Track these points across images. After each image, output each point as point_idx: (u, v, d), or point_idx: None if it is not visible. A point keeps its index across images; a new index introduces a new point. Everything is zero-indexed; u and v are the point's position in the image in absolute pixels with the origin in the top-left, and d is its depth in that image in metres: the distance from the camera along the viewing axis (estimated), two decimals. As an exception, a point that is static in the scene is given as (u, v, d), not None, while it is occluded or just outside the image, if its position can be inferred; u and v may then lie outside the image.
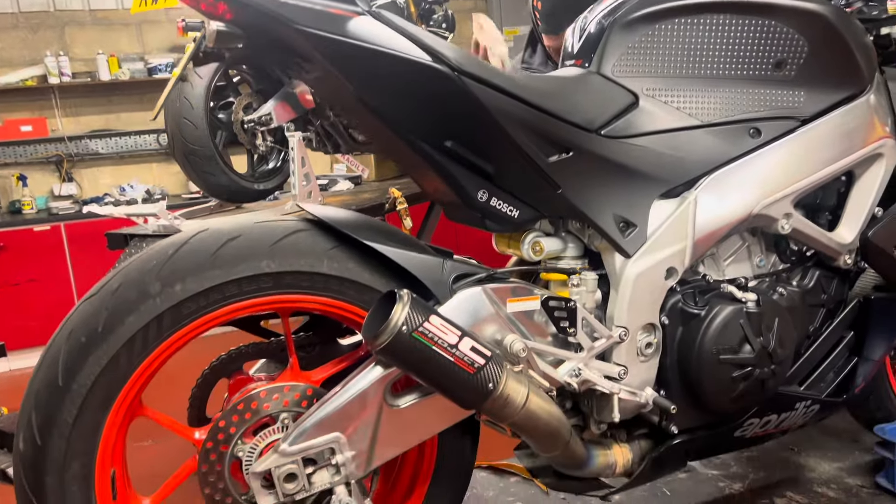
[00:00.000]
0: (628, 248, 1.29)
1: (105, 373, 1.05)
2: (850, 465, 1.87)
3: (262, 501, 1.13)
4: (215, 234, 1.13)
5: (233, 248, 1.11)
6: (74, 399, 1.04)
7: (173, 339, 1.10)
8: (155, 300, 1.07)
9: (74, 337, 1.05)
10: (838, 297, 1.51)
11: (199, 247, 1.11)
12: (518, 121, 1.18)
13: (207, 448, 1.15)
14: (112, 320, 1.05)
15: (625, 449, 1.40)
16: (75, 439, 1.05)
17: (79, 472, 1.06)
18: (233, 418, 1.16)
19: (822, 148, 1.38)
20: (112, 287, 1.08)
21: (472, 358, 1.09)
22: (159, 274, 1.08)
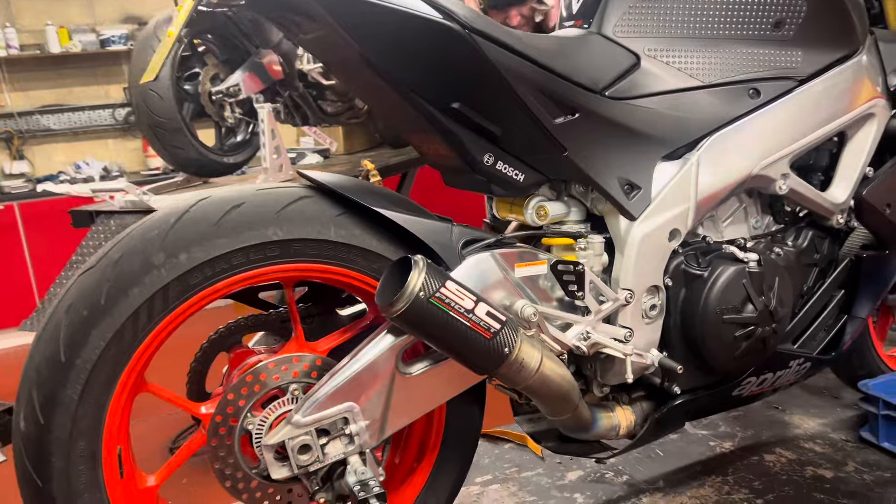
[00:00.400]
0: (633, 211, 1.28)
1: (110, 347, 1.01)
2: (833, 421, 1.93)
3: (276, 473, 1.11)
4: (218, 201, 1.09)
5: (238, 216, 1.07)
6: (79, 375, 1.00)
7: (179, 311, 1.06)
8: (160, 271, 1.03)
9: (75, 310, 1.01)
10: (829, 256, 1.54)
11: (202, 215, 1.07)
12: (527, 81, 1.16)
13: (216, 422, 1.11)
14: (115, 292, 1.01)
15: (627, 411, 1.41)
16: (81, 417, 1.01)
17: (85, 450, 1.02)
18: (241, 391, 1.13)
19: (818, 108, 1.39)
20: (113, 258, 1.03)
21: (489, 323, 1.07)
22: (163, 244, 1.03)
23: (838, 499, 1.58)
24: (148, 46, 2.97)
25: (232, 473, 1.13)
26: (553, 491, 1.71)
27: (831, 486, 1.63)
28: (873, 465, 1.70)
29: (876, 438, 1.74)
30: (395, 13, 1.04)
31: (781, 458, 1.76)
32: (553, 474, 1.78)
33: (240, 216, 1.07)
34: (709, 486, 1.68)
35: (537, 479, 1.77)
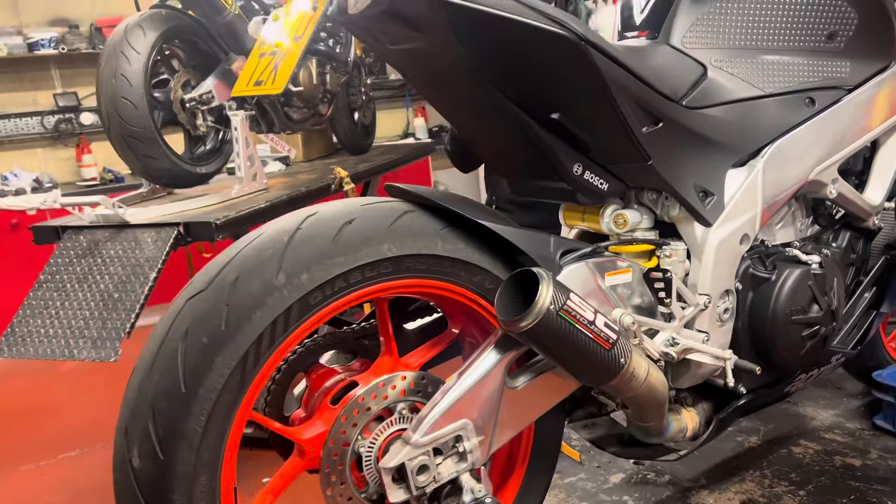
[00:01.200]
0: (709, 217, 1.32)
1: (234, 374, 0.96)
2: (844, 411, 2.03)
3: (394, 496, 1.07)
4: (329, 217, 1.05)
5: (353, 233, 1.03)
6: (203, 405, 0.94)
7: (297, 333, 1.01)
8: (282, 292, 0.98)
9: (194, 336, 0.94)
10: (864, 255, 1.62)
11: (316, 233, 1.02)
12: (625, 90, 1.17)
13: (329, 446, 1.07)
14: (237, 316, 0.95)
15: (692, 413, 1.44)
16: (204, 449, 0.95)
17: (206, 485, 0.96)
18: (353, 412, 1.09)
19: (864, 116, 1.47)
20: (227, 280, 0.97)
21: (607, 333, 1.08)
22: (281, 263, 0.98)
23: (872, 485, 1.67)
24: (117, 52, 2.82)
25: (343, 500, 1.09)
26: (601, 495, 1.73)
27: (862, 474, 1.71)
28: (894, 451, 1.80)
29: (892, 426, 1.85)
30: (516, 24, 1.03)
31: (809, 450, 1.84)
32: (596, 478, 1.80)
33: (355, 233, 1.04)
34: (749, 480, 1.73)
35: (582, 484, 1.78)
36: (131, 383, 0.98)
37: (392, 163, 4.35)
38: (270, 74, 0.90)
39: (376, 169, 4.08)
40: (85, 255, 2.54)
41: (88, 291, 2.37)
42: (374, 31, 1.14)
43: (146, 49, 2.85)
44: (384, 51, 1.17)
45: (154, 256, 2.43)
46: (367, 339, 1.31)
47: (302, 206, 2.97)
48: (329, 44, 3.81)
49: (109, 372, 1.40)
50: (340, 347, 1.32)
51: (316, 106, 3.79)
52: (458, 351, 1.30)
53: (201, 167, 3.25)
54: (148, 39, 2.85)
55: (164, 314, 0.99)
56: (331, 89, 3.87)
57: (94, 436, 2.70)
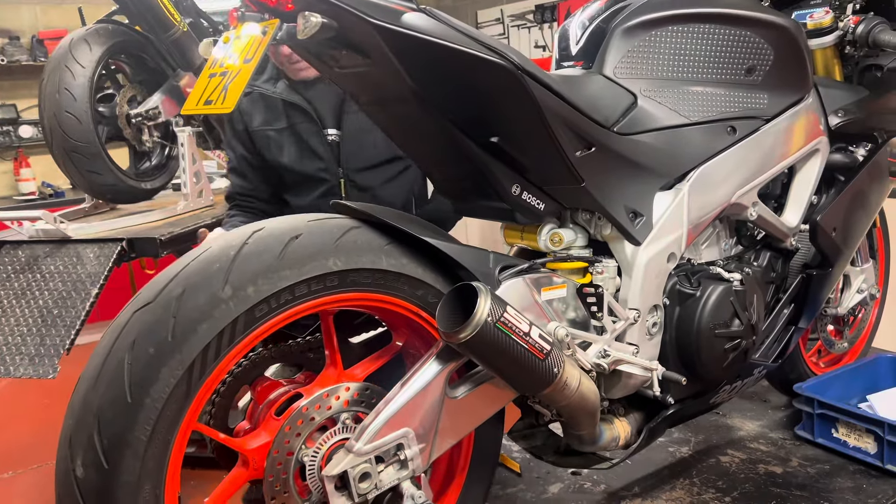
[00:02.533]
0: (638, 237, 1.40)
1: (180, 384, 0.98)
2: (768, 422, 2.14)
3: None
4: (275, 233, 1.08)
5: (299, 247, 1.08)
6: (149, 414, 0.96)
7: (242, 345, 1.04)
8: (228, 304, 1.01)
9: (140, 348, 0.97)
10: (783, 274, 1.74)
11: (263, 247, 1.06)
12: (558, 117, 1.24)
13: (273, 456, 1.10)
14: (183, 328, 0.98)
15: (624, 423, 1.51)
16: (149, 459, 0.97)
17: (150, 493, 0.98)
18: (297, 422, 1.12)
19: (780, 144, 1.58)
20: (174, 293, 1.00)
21: (542, 345, 1.14)
22: (227, 277, 1.02)
23: (792, 491, 1.77)
24: (62, 66, 2.80)
25: (290, 511, 1.12)
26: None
27: (784, 481, 1.81)
28: (813, 459, 1.91)
29: (811, 435, 1.96)
30: (456, 53, 1.09)
31: (735, 459, 1.94)
32: (535, 489, 1.85)
33: (301, 247, 1.08)
34: (679, 488, 1.81)
35: (521, 494, 1.83)
36: (76, 394, 0.99)
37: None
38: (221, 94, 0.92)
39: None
40: (24, 270, 2.50)
41: (27, 307, 2.33)
42: (323, 56, 1.19)
43: (91, 63, 2.84)
44: (333, 74, 1.22)
45: (96, 272, 2.41)
46: (312, 352, 1.35)
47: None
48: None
49: (45, 390, 1.38)
50: (285, 360, 1.35)
51: (265, 123, 3.80)
52: (403, 364, 1.35)
53: (146, 183, 3.23)
54: (94, 54, 2.83)
55: (108, 327, 1.01)
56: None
57: (27, 457, 2.63)
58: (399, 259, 1.17)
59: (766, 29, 1.49)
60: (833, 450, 1.91)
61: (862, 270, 2.07)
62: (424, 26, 1.08)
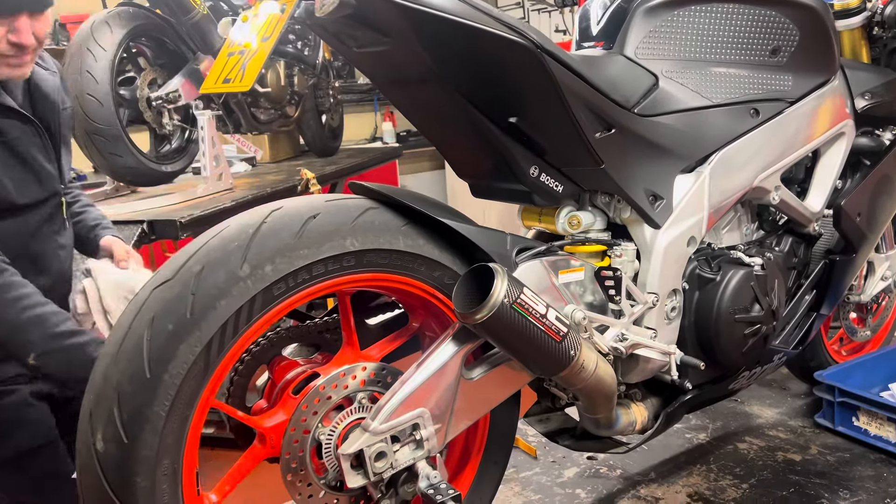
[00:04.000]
0: (658, 220, 1.38)
1: (198, 361, 0.99)
2: (788, 410, 2.12)
3: (352, 482, 1.11)
4: (293, 212, 1.08)
5: (317, 227, 1.07)
6: (167, 390, 0.97)
7: (260, 323, 1.05)
8: (246, 282, 1.01)
9: (159, 324, 0.97)
10: (805, 260, 1.71)
11: (281, 226, 1.06)
12: (578, 97, 1.23)
13: (290, 434, 1.11)
14: (202, 305, 0.99)
15: (641, 407, 1.50)
16: (167, 434, 0.98)
17: (168, 468, 0.99)
18: (314, 401, 1.12)
19: (804, 127, 1.56)
20: (193, 270, 1.01)
21: (558, 326, 1.13)
22: (246, 255, 1.02)
23: (811, 479, 1.75)
24: (83, 48, 2.82)
25: (303, 486, 1.12)
26: (555, 488, 1.78)
27: (802, 469, 1.80)
28: (833, 447, 1.89)
29: (832, 423, 1.94)
30: (477, 31, 1.08)
31: (753, 446, 1.92)
32: (550, 472, 1.86)
33: (319, 227, 1.07)
34: (696, 474, 1.81)
35: (537, 478, 1.84)
36: (96, 370, 1.00)
37: (359, 166, 4.38)
38: (238, 72, 0.92)
39: (343, 171, 4.11)
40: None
41: (49, 288, 2.35)
42: (341, 35, 1.18)
43: (113, 46, 2.85)
44: (351, 54, 1.22)
45: (117, 254, 2.42)
46: (329, 333, 1.35)
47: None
48: (297, 46, 3.83)
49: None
50: (303, 341, 1.35)
51: (283, 107, 3.81)
52: (419, 345, 1.35)
53: (166, 166, 3.25)
54: (115, 36, 2.85)
55: (129, 305, 1.02)
56: (298, 91, 3.89)
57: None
58: (416, 240, 1.17)
59: (791, 9, 1.46)
60: (854, 438, 1.89)
61: (887, 257, 2.04)
62: (445, 5, 1.07)
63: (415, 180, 5.94)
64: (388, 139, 5.98)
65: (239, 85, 0.90)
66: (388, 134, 5.99)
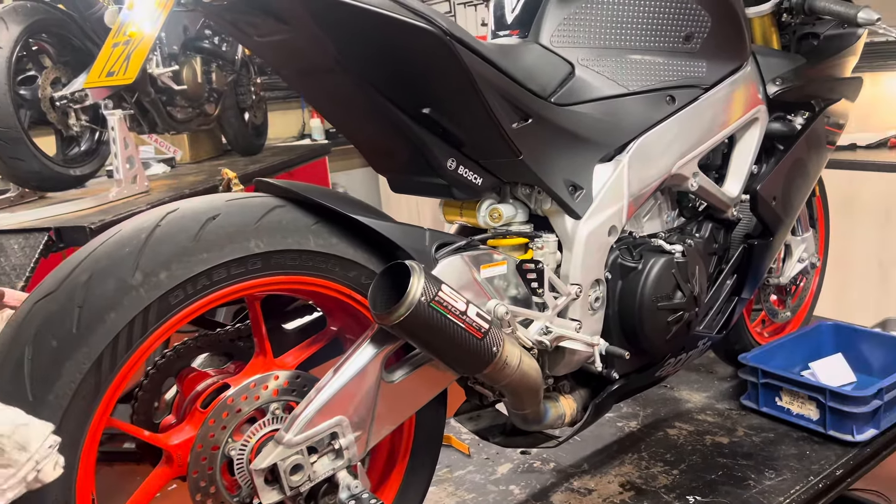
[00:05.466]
0: (578, 210, 1.36)
1: (87, 379, 0.91)
2: (715, 393, 2.15)
3: (266, 498, 1.05)
4: (190, 214, 1.01)
5: (216, 229, 1.01)
6: (53, 413, 0.88)
7: (157, 335, 0.97)
8: (139, 291, 0.94)
9: (42, 340, 0.89)
10: (725, 245, 1.73)
11: (178, 229, 0.99)
12: (492, 86, 1.19)
13: (198, 451, 1.03)
14: (89, 318, 0.91)
15: (570, 399, 1.49)
16: (55, 461, 0.89)
17: (60, 498, 0.91)
18: (223, 415, 1.05)
19: (719, 113, 1.56)
20: (79, 280, 0.93)
21: (479, 323, 1.10)
22: (139, 261, 0.94)
23: (738, 460, 1.77)
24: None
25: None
26: (489, 486, 1.76)
27: (730, 451, 1.82)
28: (758, 428, 1.92)
29: (756, 404, 1.97)
30: (380, 17, 1.03)
31: (683, 431, 1.94)
32: (484, 470, 1.83)
33: (219, 228, 1.01)
34: (628, 463, 1.81)
35: (470, 476, 1.80)
36: (-26, 394, 0.91)
37: (285, 164, 4.27)
38: (122, 64, 0.85)
39: (268, 170, 3.99)
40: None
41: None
42: (239, 23, 1.11)
43: (9, 43, 2.68)
44: (252, 43, 1.15)
45: (21, 264, 2.29)
46: (242, 340, 1.28)
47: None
48: (214, 42, 3.70)
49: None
50: (213, 350, 1.28)
51: (202, 105, 3.67)
52: (341, 349, 1.29)
53: (75, 169, 3.09)
54: (11, 33, 2.68)
55: (8, 320, 0.93)
56: (217, 88, 3.76)
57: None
58: (328, 239, 1.11)
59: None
60: (777, 418, 1.92)
61: (803, 240, 2.09)
62: (345, -10, 1.01)
63: (346, 177, 5.84)
64: (317, 136, 5.86)
65: (122, 78, 0.83)
66: (317, 131, 5.87)
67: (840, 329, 2.15)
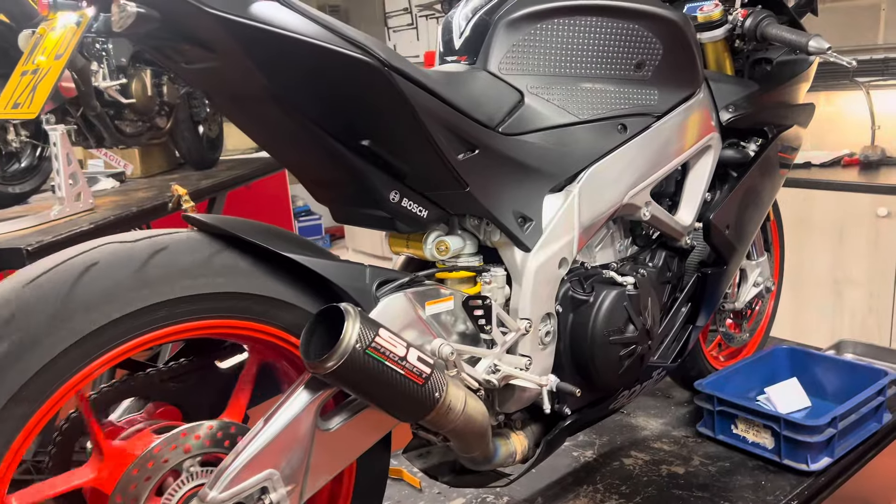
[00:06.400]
0: (528, 243, 1.32)
1: None
2: (671, 420, 2.12)
3: (191, 560, 0.98)
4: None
5: (145, 271, 0.93)
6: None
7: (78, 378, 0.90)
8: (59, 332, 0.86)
9: None
10: (679, 273, 1.70)
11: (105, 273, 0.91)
12: (435, 117, 1.14)
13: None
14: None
15: (521, 436, 1.44)
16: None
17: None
18: (148, 465, 0.98)
19: (672, 141, 1.54)
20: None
21: (420, 368, 1.04)
22: (63, 302, 0.87)
23: (693, 492, 1.74)
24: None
25: (131, 570, 0.98)
26: (439, 523, 1.70)
27: (685, 482, 1.79)
28: (714, 456, 1.90)
29: (712, 432, 1.95)
30: (313, 48, 0.97)
31: (639, 461, 1.91)
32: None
33: (145, 272, 0.93)
34: (583, 496, 1.76)
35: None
36: None
37: (239, 178, 4.15)
38: (28, 96, 0.79)
39: (221, 185, 3.88)
40: None
41: None
42: (165, 49, 1.05)
43: (-59, 57, 2.56)
44: (179, 69, 1.08)
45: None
46: (174, 381, 1.20)
47: (132, 228, 2.72)
48: (164, 54, 3.58)
49: None
50: (141, 394, 1.20)
51: (152, 119, 3.56)
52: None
53: (14, 187, 2.96)
54: (-54, 47, 2.55)
55: None
56: (169, 101, 3.64)
57: None
58: (261, 280, 1.05)
59: (653, 22, 1.43)
60: (733, 446, 1.90)
61: (758, 264, 2.08)
62: (276, 17, 0.96)
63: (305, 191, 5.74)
64: (275, 149, 5.73)
65: (26, 112, 0.76)
66: (275, 144, 5.74)
67: (795, 353, 2.15)
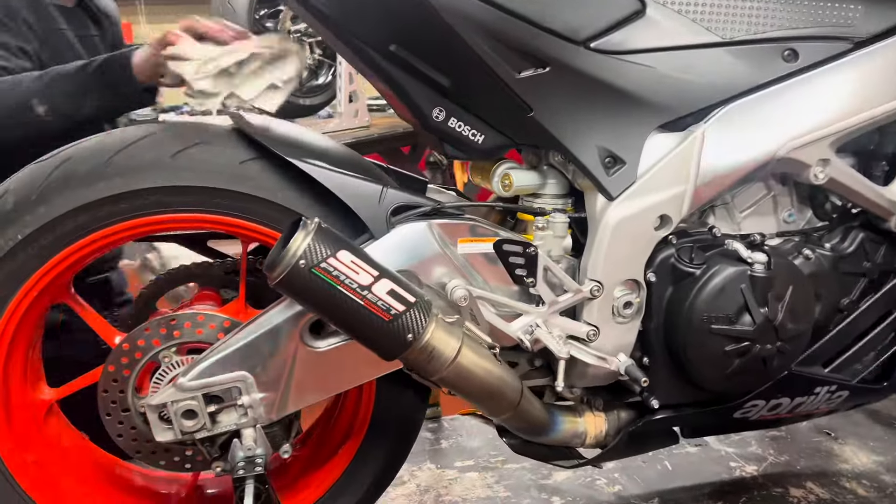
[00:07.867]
0: (611, 189, 1.08)
1: None
2: (892, 460, 1.62)
3: (160, 436, 1.03)
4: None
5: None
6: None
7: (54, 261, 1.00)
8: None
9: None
10: (885, 266, 1.25)
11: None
12: (479, 25, 0.97)
13: (123, 349, 1.04)
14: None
15: (599, 419, 1.22)
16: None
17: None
18: (160, 330, 1.05)
19: (879, 80, 1.10)
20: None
21: (389, 303, 0.93)
22: None
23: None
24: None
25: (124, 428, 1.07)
26: (532, 490, 1.55)
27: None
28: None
29: (936, 490, 1.44)
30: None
31: (810, 496, 1.50)
32: (539, 471, 1.62)
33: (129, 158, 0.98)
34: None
35: (520, 473, 1.61)
36: None
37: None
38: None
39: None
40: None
41: None
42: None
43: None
44: None
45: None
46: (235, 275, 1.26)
47: (395, 147, 2.87)
48: None
49: None
50: (206, 281, 1.28)
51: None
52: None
53: (306, 99, 3.35)
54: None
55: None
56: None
57: None
58: (283, 190, 1.03)
59: None
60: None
61: None
62: None
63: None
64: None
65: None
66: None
67: None
